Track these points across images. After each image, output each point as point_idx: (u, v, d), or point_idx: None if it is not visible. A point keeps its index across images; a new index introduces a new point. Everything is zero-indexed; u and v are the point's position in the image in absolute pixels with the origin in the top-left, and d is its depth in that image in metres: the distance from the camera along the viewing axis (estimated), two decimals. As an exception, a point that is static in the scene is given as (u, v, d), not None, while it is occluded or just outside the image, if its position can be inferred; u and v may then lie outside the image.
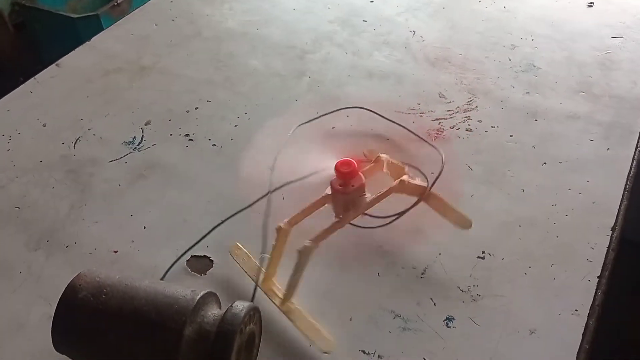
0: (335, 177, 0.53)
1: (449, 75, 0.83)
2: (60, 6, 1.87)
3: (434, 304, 0.53)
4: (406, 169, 0.57)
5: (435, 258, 0.57)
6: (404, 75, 0.84)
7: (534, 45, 0.87)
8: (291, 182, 0.63)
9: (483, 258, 0.57)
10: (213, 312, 0.46)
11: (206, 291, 0.47)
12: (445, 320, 0.52)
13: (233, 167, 0.70)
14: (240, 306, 0.45)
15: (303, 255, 0.50)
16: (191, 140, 0.74)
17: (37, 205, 0.66)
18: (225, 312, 0.44)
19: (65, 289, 0.46)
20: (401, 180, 0.55)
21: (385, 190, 0.54)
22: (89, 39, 0.95)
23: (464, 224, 0.56)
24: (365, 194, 0.54)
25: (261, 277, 0.54)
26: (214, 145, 0.73)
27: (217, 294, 0.49)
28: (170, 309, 0.44)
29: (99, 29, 1.00)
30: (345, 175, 0.52)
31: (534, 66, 0.83)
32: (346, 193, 0.52)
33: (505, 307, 0.52)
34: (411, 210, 0.55)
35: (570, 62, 0.83)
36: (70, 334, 0.45)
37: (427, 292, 0.54)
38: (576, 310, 0.51)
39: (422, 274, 0.56)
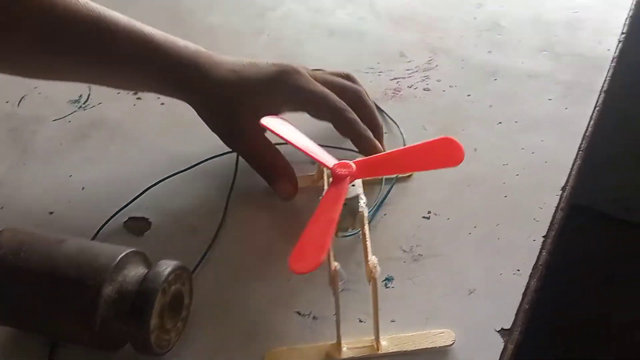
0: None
1: (412, 34, 0.80)
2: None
3: (375, 265, 0.52)
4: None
5: (381, 218, 0.56)
6: (366, 33, 0.81)
7: (501, 4, 0.84)
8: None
9: (428, 218, 0.55)
10: (137, 272, 0.44)
11: (131, 250, 0.45)
12: (384, 280, 0.50)
13: (181, 126, 0.67)
14: (165, 265, 0.43)
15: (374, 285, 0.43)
16: (139, 99, 0.71)
17: (-26, 165, 0.64)
18: (148, 271, 0.43)
19: (-17, 247, 0.44)
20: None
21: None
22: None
23: None
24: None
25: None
26: (162, 104, 0.70)
27: (152, 256, 0.47)
28: (90, 267, 0.42)
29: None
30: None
31: (499, 25, 0.80)
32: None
33: (446, 267, 0.51)
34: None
35: (536, 20, 0.81)
36: (-15, 293, 0.43)
37: (369, 253, 0.53)
38: (518, 270, 0.50)
39: (366, 234, 0.54)
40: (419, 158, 0.49)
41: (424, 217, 0.55)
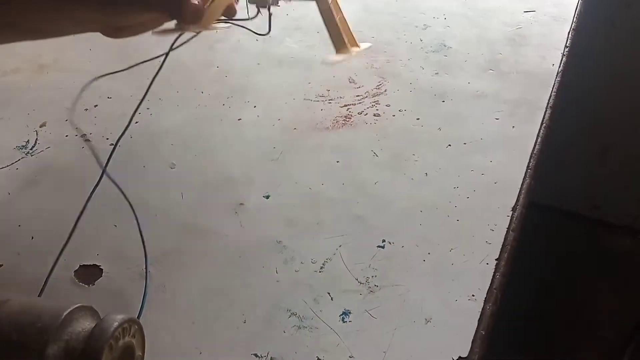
0: None
1: (360, 59, 0.81)
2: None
3: (331, 299, 0.51)
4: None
5: (336, 250, 0.55)
6: (315, 61, 0.82)
7: (446, 25, 0.86)
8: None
9: (383, 247, 0.55)
10: (84, 327, 0.43)
11: (76, 305, 0.43)
12: (341, 315, 0.50)
13: (129, 166, 0.66)
14: (111, 320, 0.42)
15: None
16: (87, 140, 0.70)
17: None
18: (94, 327, 0.41)
19: None
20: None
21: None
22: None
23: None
24: None
25: None
26: (111, 144, 0.69)
27: (105, 305, 0.46)
28: (33, 328, 0.41)
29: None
30: None
31: (445, 46, 0.81)
32: None
33: (402, 297, 0.51)
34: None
35: (481, 39, 0.82)
36: None
37: (325, 287, 0.52)
38: (473, 295, 0.50)
39: (321, 268, 0.54)
40: None
41: (378, 247, 0.55)
